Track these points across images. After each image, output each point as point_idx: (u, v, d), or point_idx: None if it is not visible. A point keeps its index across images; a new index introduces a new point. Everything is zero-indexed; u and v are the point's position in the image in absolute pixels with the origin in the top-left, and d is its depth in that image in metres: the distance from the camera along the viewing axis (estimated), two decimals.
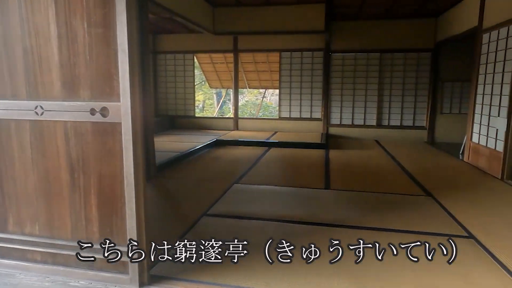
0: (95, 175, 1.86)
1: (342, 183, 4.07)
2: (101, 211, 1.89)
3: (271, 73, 9.05)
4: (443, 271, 2.07)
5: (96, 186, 1.87)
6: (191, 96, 8.59)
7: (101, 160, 1.84)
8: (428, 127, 7.45)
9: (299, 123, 8.05)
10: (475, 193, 3.74)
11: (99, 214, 1.89)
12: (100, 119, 1.79)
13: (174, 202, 3.43)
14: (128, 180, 1.80)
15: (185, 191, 3.73)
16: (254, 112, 17.22)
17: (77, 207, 1.91)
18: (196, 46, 8.24)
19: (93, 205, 1.89)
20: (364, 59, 7.59)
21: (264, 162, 5.22)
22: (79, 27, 1.76)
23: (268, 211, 3.11)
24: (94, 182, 1.87)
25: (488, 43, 4.81)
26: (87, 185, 1.88)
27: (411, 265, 2.07)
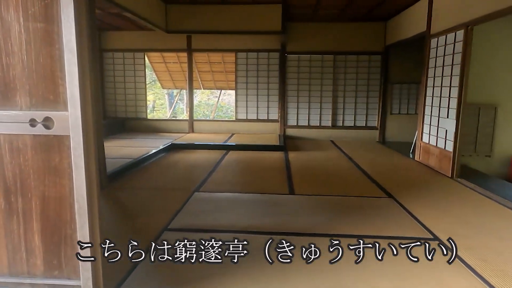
0: (38, 197, 1.56)
1: (305, 188, 4.01)
2: (46, 240, 1.59)
3: (226, 73, 8.86)
4: (415, 274, 2.04)
5: (39, 211, 1.57)
6: (143, 97, 8.12)
7: (44, 180, 1.54)
8: (379, 127, 7.73)
9: (256, 125, 7.95)
10: (430, 193, 3.87)
11: (44, 244, 1.59)
12: (43, 132, 1.50)
13: (130, 217, 3.12)
14: (79, 203, 1.53)
15: (142, 203, 3.42)
16: (208, 113, 16.89)
17: (15, 236, 1.60)
18: (147, 44, 7.81)
19: (35, 233, 1.59)
20: (319, 61, 7.69)
21: (224, 166, 5.03)
22: (12, 21, 1.45)
23: (235, 221, 2.94)
24: (37, 206, 1.57)
25: (436, 48, 5.05)
26: (27, 210, 1.57)
27: (384, 269, 2.02)
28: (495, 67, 5.36)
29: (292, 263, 2.01)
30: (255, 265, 2.15)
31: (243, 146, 6.36)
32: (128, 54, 7.95)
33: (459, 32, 4.40)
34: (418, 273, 2.09)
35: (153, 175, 4.53)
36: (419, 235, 2.69)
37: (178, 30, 6.95)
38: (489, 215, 3.20)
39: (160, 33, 7.17)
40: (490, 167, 5.51)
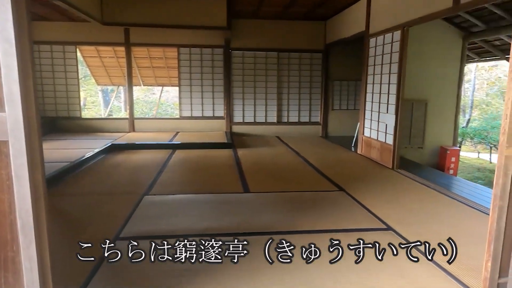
0: None
1: (259, 185, 3.99)
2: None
3: (168, 69, 8.50)
4: (378, 266, 2.12)
5: None
6: (76, 94, 7.46)
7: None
8: (322, 123, 8.02)
9: (201, 122, 7.76)
10: (376, 184, 4.09)
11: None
12: None
13: (75, 227, 2.81)
14: (23, 220, 1.31)
15: (87, 211, 3.11)
16: (147, 111, 16.15)
17: None
18: (79, 37, 7.16)
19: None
20: (263, 58, 7.73)
21: (172, 166, 4.81)
22: None
23: (192, 224, 2.80)
24: None
25: (375, 47, 5.35)
26: None
27: (348, 265, 2.07)
28: (425, 65, 5.85)
29: (258, 263, 1.96)
30: (224, 269, 2.06)
31: (190, 145, 6.16)
32: (57, 47, 7.22)
33: (396, 33, 4.70)
34: (380, 264, 2.17)
35: (95, 179, 4.16)
36: (374, 225, 2.81)
37: (115, 22, 6.48)
38: (428, 202, 3.46)
39: (94, 25, 6.63)
40: (423, 158, 6.02)
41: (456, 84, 5.98)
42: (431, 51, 5.88)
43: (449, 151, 5.83)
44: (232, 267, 2.04)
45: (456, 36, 5.90)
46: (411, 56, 5.48)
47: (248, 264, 2.10)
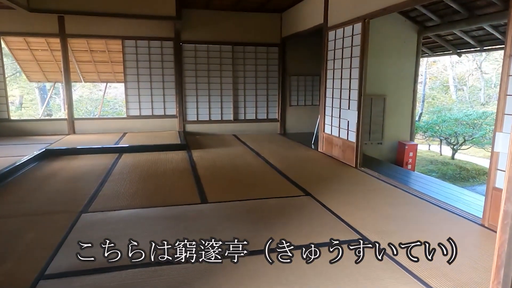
0: None
1: (218, 193, 3.58)
2: None
3: (112, 64, 7.72)
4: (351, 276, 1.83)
5: None
6: (2, 93, 6.48)
7: None
8: (280, 119, 7.76)
9: (151, 122, 7.15)
10: (343, 186, 3.87)
11: None
12: None
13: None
14: None
15: (3, 240, 2.51)
16: (92, 110, 14.95)
17: None
18: (4, 26, 6.21)
19: None
20: (217, 52, 7.28)
21: (117, 174, 4.23)
22: None
23: (144, 249, 2.33)
24: None
25: (334, 40, 5.13)
26: None
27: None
28: (383, 60, 5.77)
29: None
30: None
31: (139, 147, 5.57)
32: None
33: (357, 25, 4.50)
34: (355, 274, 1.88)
35: (20, 195, 3.49)
36: (348, 237, 2.54)
37: (44, 8, 5.65)
38: (399, 204, 3.28)
39: (21, 13, 5.75)
40: (382, 153, 5.97)
41: (412, 79, 5.98)
42: (388, 46, 5.80)
43: (407, 146, 5.83)
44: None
45: (411, 31, 5.88)
46: (369, 50, 5.37)
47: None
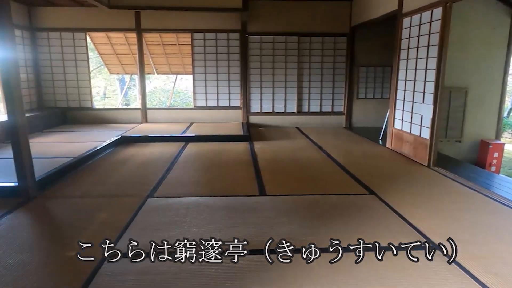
0: None
1: (277, 186, 3.53)
2: None
3: (182, 57, 8.08)
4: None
5: None
6: (87, 84, 7.16)
7: None
8: (346, 113, 7.45)
9: (216, 113, 7.34)
10: (412, 186, 3.56)
11: None
12: None
13: (60, 240, 2.45)
14: None
15: (79, 218, 2.75)
16: (165, 100, 15.86)
17: None
18: (89, 22, 6.82)
19: None
20: (283, 43, 7.18)
21: (182, 163, 4.42)
22: None
23: (202, 237, 2.38)
24: None
25: (409, 28, 4.72)
26: None
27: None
28: (465, 48, 5.17)
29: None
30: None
31: (204, 137, 5.75)
32: (67, 34, 6.91)
33: (437, 10, 4.07)
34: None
35: (98, 177, 3.82)
36: (411, 239, 2.31)
37: (123, 5, 6.08)
38: (478, 211, 2.92)
39: (103, 10, 6.27)
40: (461, 152, 5.40)
41: (502, 70, 5.28)
42: (472, 32, 5.18)
43: (492, 145, 5.18)
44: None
45: (503, 15, 5.17)
46: (449, 38, 4.85)
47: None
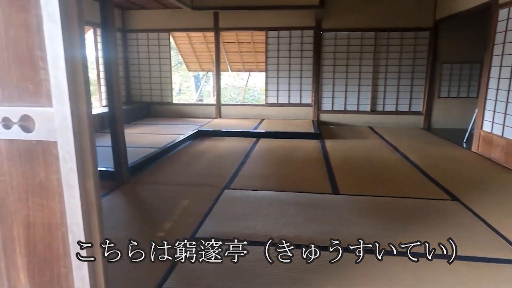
0: (20, 224, 1.14)
1: (351, 185, 3.48)
2: (34, 280, 1.19)
3: (255, 54, 8.28)
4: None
5: (23, 242, 1.16)
6: (168, 81, 7.73)
7: (28, 202, 1.12)
8: (425, 112, 6.98)
9: (287, 110, 7.39)
10: (503, 195, 3.24)
11: (32, 285, 1.19)
12: (21, 136, 1.07)
13: (152, 221, 2.73)
14: (74, 233, 1.10)
15: (166, 203, 3.02)
16: (235, 96, 16.39)
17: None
18: (172, 23, 7.34)
19: (20, 270, 1.19)
20: (358, 39, 6.96)
21: (255, 157, 4.56)
22: None
23: (272, 230, 2.48)
24: (20, 236, 1.15)
25: (506, 20, 4.26)
26: (8, 240, 1.16)
27: None
28: None
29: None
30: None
31: (275, 134, 5.85)
32: (153, 34, 7.52)
33: None
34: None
35: (178, 167, 4.13)
36: (508, 256, 2.13)
37: (204, 6, 6.43)
38: None
39: (185, 11, 6.70)
40: None
41: None
42: None
43: None
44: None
45: None
46: None
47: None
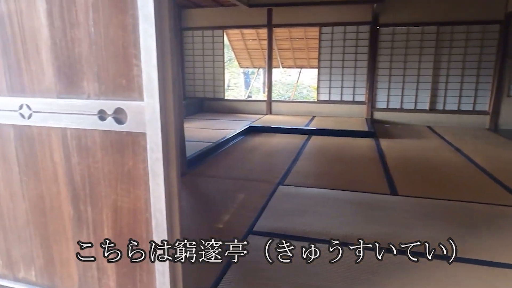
0: (109, 208, 1.25)
1: (410, 187, 3.34)
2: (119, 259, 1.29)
3: (308, 50, 8.20)
4: None
5: (111, 224, 1.26)
6: (221, 77, 7.92)
7: (117, 188, 1.22)
8: (491, 112, 6.47)
9: (339, 107, 7.24)
10: None
11: (117, 264, 1.29)
12: (114, 127, 1.16)
13: (211, 212, 2.83)
14: (157, 219, 1.18)
15: (223, 195, 3.12)
16: (283, 93, 16.38)
17: (85, 251, 1.32)
18: (226, 21, 7.49)
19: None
20: (418, 34, 6.61)
21: (307, 154, 4.54)
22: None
23: (329, 228, 2.46)
24: (108, 219, 1.26)
25: None
26: (98, 222, 1.28)
27: None
28: None
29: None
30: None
31: (327, 131, 5.77)
32: (207, 32, 7.74)
33: None
34: None
35: (232, 162, 4.23)
36: None
37: (259, 3, 6.49)
38: None
39: (240, 9, 6.81)
40: None
41: None
42: None
43: None
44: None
45: None
46: None
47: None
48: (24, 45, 1.20)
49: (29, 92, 1.23)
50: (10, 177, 1.34)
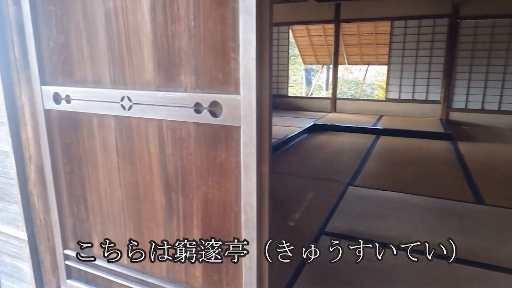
0: (199, 200, 1.27)
1: (498, 195, 3.01)
2: None
3: (376, 46, 7.81)
4: None
5: (201, 215, 1.29)
6: (285, 74, 7.88)
7: (208, 180, 1.24)
8: None
9: (409, 106, 6.81)
10: None
11: (205, 254, 1.32)
12: (208, 120, 1.17)
13: (283, 210, 2.81)
14: (247, 214, 1.18)
15: (294, 193, 3.08)
16: (346, 91, 15.88)
17: (174, 239, 1.37)
18: (292, 17, 7.41)
19: (196, 240, 1.33)
20: (506, 27, 5.95)
21: (377, 155, 4.32)
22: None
23: (405, 235, 2.30)
24: (198, 210, 1.29)
25: None
26: (188, 212, 1.31)
27: None
28: None
29: None
30: None
31: (398, 132, 5.45)
32: (273, 28, 7.71)
33: None
34: None
35: (299, 159, 4.18)
36: None
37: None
38: None
39: (306, 5, 6.70)
40: None
41: None
42: None
43: None
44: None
45: None
46: None
47: None
48: (128, 40, 1.26)
49: (130, 84, 1.30)
50: (110, 165, 1.43)
